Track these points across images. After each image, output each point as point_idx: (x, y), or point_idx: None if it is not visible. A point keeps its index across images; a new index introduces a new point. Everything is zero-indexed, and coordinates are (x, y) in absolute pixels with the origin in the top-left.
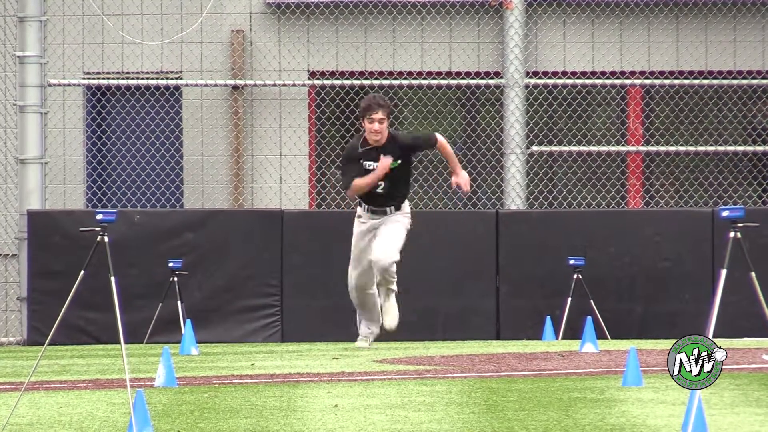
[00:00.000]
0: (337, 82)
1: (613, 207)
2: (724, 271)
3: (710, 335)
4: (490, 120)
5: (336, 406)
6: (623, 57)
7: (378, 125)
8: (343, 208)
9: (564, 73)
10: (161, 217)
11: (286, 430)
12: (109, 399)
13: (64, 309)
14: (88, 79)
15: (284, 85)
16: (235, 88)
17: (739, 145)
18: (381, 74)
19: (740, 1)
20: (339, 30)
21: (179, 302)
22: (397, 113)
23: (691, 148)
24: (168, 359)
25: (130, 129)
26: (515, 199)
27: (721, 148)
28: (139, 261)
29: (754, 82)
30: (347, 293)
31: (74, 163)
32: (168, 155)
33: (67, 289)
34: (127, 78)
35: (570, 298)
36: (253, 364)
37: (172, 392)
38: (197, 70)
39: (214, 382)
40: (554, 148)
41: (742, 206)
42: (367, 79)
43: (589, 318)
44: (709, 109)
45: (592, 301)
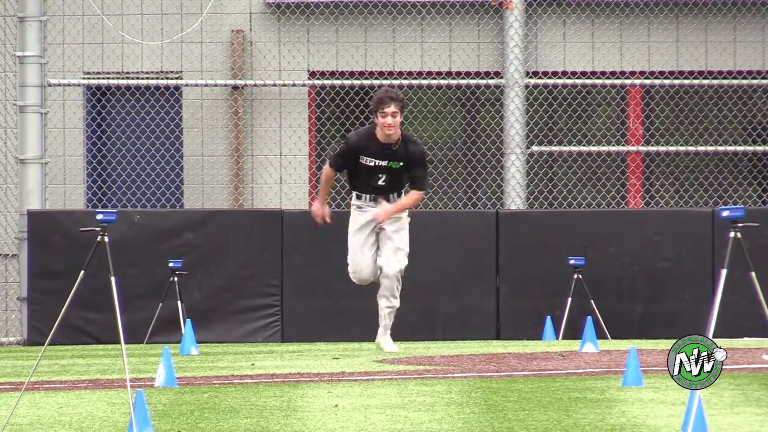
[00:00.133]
0: (337, 82)
1: (613, 207)
2: (724, 271)
3: (710, 335)
4: (490, 120)
5: (336, 406)
6: (623, 57)
7: (391, 119)
8: (343, 208)
9: (564, 73)
10: (161, 217)
11: (286, 430)
12: (109, 399)
13: (64, 309)
14: (88, 79)
15: (284, 85)
16: (235, 88)
17: (739, 145)
18: (381, 74)
19: (740, 1)
20: (339, 30)
21: (179, 302)
22: None
23: (691, 148)
24: (168, 359)
25: (130, 129)
26: (515, 199)
27: (721, 148)
28: (139, 261)
29: (754, 82)
30: (347, 293)
31: (74, 163)
32: (168, 155)
33: (67, 289)
34: (127, 78)
35: (570, 298)
36: (253, 364)
37: (172, 392)
38: (197, 70)
39: (215, 382)
40: (554, 148)
41: (742, 206)
42: (367, 79)
43: (590, 318)
44: (709, 109)
45: (593, 301)
